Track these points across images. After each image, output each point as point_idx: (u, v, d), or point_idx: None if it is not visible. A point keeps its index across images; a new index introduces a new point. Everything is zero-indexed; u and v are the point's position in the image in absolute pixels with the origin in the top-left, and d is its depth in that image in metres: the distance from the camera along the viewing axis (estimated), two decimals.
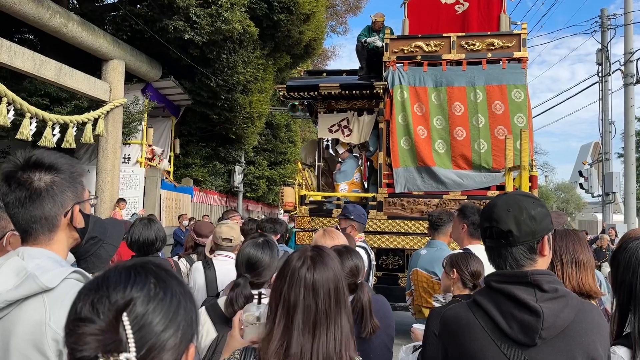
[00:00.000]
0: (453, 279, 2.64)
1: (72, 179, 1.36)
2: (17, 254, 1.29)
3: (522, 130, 4.57)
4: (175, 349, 0.80)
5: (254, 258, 2.19)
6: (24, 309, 1.20)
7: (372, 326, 2.06)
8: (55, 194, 1.31)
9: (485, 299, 1.46)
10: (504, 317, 1.40)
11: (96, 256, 2.14)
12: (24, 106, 8.89)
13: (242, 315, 1.67)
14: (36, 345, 1.18)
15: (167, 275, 0.85)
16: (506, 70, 6.93)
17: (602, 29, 15.57)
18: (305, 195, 7.34)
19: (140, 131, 13.26)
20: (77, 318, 0.76)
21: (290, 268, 1.41)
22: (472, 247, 3.32)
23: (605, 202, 15.16)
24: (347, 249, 2.29)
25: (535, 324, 1.35)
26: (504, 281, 1.44)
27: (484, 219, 1.52)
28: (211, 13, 11.79)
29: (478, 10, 7.87)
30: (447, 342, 1.56)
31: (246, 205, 21.49)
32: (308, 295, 1.36)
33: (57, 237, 1.35)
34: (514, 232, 1.43)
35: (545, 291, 1.39)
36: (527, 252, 1.45)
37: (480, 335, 1.43)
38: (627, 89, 14.67)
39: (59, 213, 1.33)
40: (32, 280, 1.20)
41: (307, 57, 18.75)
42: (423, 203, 6.86)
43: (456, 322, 1.51)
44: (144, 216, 3.48)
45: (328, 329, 1.36)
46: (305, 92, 7.53)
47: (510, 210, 1.45)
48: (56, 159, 1.34)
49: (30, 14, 9.06)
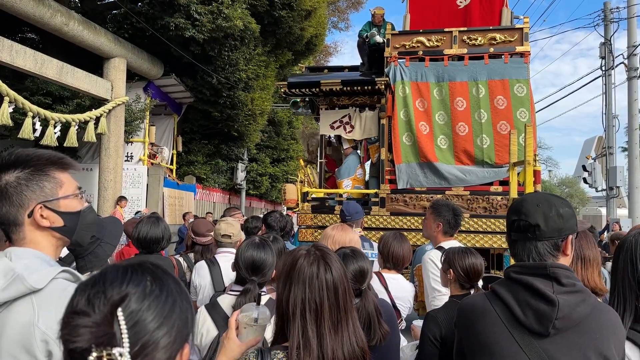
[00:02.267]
0: (450, 278, 2.49)
1: (37, 177, 1.30)
2: (5, 255, 1.28)
3: (527, 125, 4.54)
4: (169, 347, 0.80)
5: (258, 260, 2.18)
6: (12, 311, 1.19)
7: (382, 333, 2.00)
8: (11, 194, 1.28)
9: (503, 288, 1.49)
10: (519, 305, 1.42)
11: (94, 255, 2.13)
12: (26, 105, 8.91)
13: (239, 316, 1.64)
14: (25, 346, 1.17)
15: (164, 274, 0.85)
16: (508, 64, 6.89)
17: (605, 23, 15.47)
18: (308, 192, 7.33)
19: (142, 129, 13.27)
20: (73, 311, 0.77)
21: (306, 273, 1.43)
22: (444, 244, 3.25)
23: (610, 196, 15.10)
24: (354, 251, 2.23)
25: (550, 312, 1.36)
26: (523, 272, 1.46)
27: (512, 212, 1.55)
28: (212, 10, 11.77)
29: (480, 5, 7.82)
30: (461, 331, 1.59)
31: (249, 202, 21.51)
32: (331, 295, 1.42)
33: (30, 237, 1.31)
34: (541, 227, 1.46)
35: (562, 285, 1.41)
36: (551, 248, 1.47)
37: (494, 323, 1.45)
38: (630, 83, 14.57)
39: (19, 213, 1.29)
40: (20, 282, 1.19)
41: (309, 53, 18.71)
42: (425, 199, 6.84)
43: (472, 310, 1.54)
44: (151, 214, 3.48)
45: (348, 324, 1.43)
46: (306, 89, 7.51)
47: (540, 206, 1.49)
48: (27, 156, 1.30)
49: (32, 12, 9.07)
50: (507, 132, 6.66)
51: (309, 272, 1.43)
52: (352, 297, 1.49)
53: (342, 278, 1.46)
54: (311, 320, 1.39)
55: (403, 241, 3.08)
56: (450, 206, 3.40)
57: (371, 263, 2.26)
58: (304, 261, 1.45)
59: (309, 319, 1.39)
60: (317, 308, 1.40)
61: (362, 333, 1.47)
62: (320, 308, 1.40)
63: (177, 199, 14.32)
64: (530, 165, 4.26)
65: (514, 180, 4.66)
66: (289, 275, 1.45)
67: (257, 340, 1.63)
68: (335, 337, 1.39)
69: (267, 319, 1.66)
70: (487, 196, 6.67)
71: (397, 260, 3.05)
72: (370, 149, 7.81)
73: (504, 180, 6.67)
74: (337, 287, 1.43)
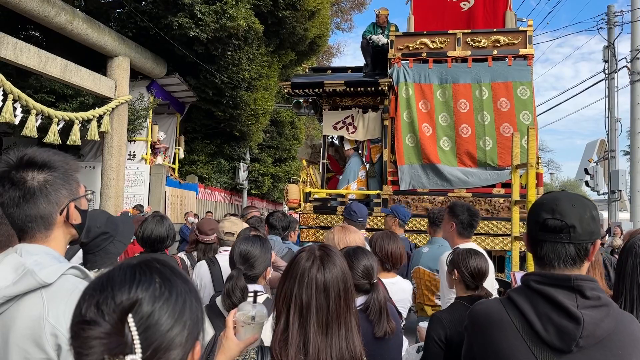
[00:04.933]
0: (455, 279, 2.52)
1: (66, 176, 1.37)
2: (15, 251, 1.30)
3: (530, 128, 4.54)
4: (181, 348, 0.80)
5: (244, 251, 2.26)
6: (22, 305, 1.22)
7: (388, 328, 1.99)
8: (49, 192, 1.32)
9: (522, 298, 1.40)
10: (540, 319, 1.34)
11: (105, 252, 2.15)
12: (29, 103, 8.93)
13: (236, 315, 1.63)
14: (35, 340, 1.19)
15: (173, 274, 0.84)
16: (512, 67, 6.90)
17: (608, 26, 15.46)
18: (310, 192, 7.33)
19: (145, 128, 13.30)
20: (82, 320, 0.75)
21: (300, 269, 1.42)
22: (462, 246, 3.27)
23: (611, 199, 15.08)
24: (361, 249, 2.24)
25: (574, 331, 1.30)
26: (545, 282, 1.38)
27: (543, 210, 1.42)
28: (216, 10, 11.79)
29: (484, 7, 7.83)
30: (474, 337, 1.52)
31: (250, 202, 21.50)
32: (320, 295, 1.38)
33: (54, 234, 1.36)
34: (577, 228, 1.37)
35: (587, 298, 1.33)
36: (582, 252, 1.38)
37: (511, 335, 1.38)
38: (633, 86, 14.55)
39: (54, 211, 1.34)
40: (30, 276, 1.21)
41: (312, 54, 18.70)
42: (428, 200, 6.85)
43: (487, 317, 1.46)
44: (154, 212, 3.49)
45: (339, 329, 1.38)
46: (310, 89, 7.52)
47: (575, 206, 1.39)
48: (49, 157, 1.35)
49: (36, 10, 9.09)
50: (509, 135, 6.66)
51: (303, 268, 1.42)
52: (349, 301, 1.43)
53: (338, 281, 1.41)
54: (295, 317, 1.37)
55: (396, 240, 3.08)
56: (466, 207, 3.40)
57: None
58: (302, 257, 1.45)
59: (292, 314, 1.38)
60: (303, 305, 1.37)
61: (356, 341, 1.41)
62: (306, 305, 1.37)
63: (179, 198, 14.33)
64: (533, 167, 4.26)
65: (517, 183, 4.66)
66: (288, 269, 1.46)
67: (255, 337, 1.63)
68: (324, 339, 1.36)
69: (264, 317, 1.66)
70: (490, 198, 6.67)
71: (395, 259, 3.06)
72: (372, 149, 7.81)
73: (506, 183, 6.67)
74: (329, 289, 1.39)
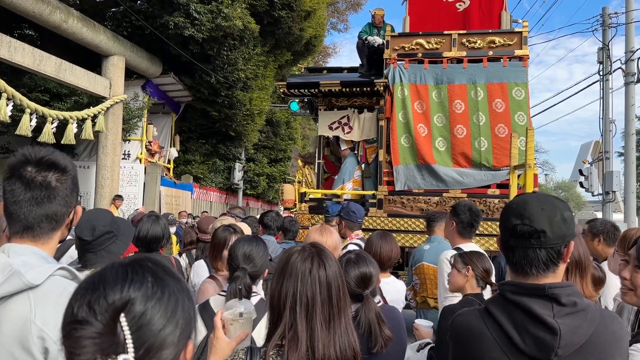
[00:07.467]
0: (468, 276, 2.61)
1: (76, 180, 1.41)
2: (3, 251, 1.28)
3: (528, 129, 4.56)
4: (174, 347, 0.79)
5: (248, 251, 2.25)
6: (9, 307, 1.20)
7: (383, 339, 1.96)
8: (67, 194, 1.36)
9: (499, 310, 1.38)
10: (517, 331, 1.33)
11: (107, 251, 2.15)
12: (23, 102, 8.88)
13: (223, 314, 1.63)
14: (21, 342, 1.17)
15: (165, 273, 0.83)
16: (507, 68, 6.91)
17: (603, 27, 15.52)
18: (305, 192, 7.32)
19: (140, 127, 13.26)
20: (74, 320, 0.75)
21: (300, 267, 1.44)
22: (463, 246, 3.31)
23: (606, 200, 15.13)
24: (359, 255, 2.20)
25: (552, 341, 1.28)
26: (520, 292, 1.35)
27: (512, 215, 1.38)
28: (212, 9, 11.77)
29: (479, 8, 7.85)
30: (456, 349, 1.51)
31: (246, 202, 21.49)
32: (324, 291, 1.42)
33: (57, 234, 1.38)
34: (547, 233, 1.33)
35: (563, 305, 1.31)
36: (555, 256, 1.35)
37: (492, 347, 1.36)
38: (627, 88, 14.62)
39: (66, 213, 1.37)
40: (17, 277, 1.19)
41: (308, 54, 18.72)
42: (423, 201, 6.85)
43: (468, 331, 1.44)
44: (150, 212, 3.48)
45: (340, 322, 1.42)
46: (305, 89, 7.51)
47: (545, 210, 1.35)
48: (66, 161, 1.38)
49: (31, 9, 9.04)
50: (505, 135, 6.68)
51: (302, 267, 1.43)
52: (346, 296, 1.47)
53: (337, 276, 1.45)
54: (301, 314, 1.39)
55: (389, 240, 3.09)
56: (468, 207, 3.43)
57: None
58: (297, 257, 1.47)
59: (299, 312, 1.39)
60: (309, 302, 1.40)
61: (354, 335, 1.44)
62: (312, 302, 1.40)
63: (174, 198, 14.30)
64: (531, 168, 4.28)
65: (514, 184, 4.68)
66: (282, 271, 1.46)
67: (246, 333, 1.63)
68: (328, 334, 1.38)
69: (252, 312, 1.66)
70: (485, 199, 6.68)
71: (389, 259, 3.06)
72: (368, 150, 7.81)
73: (501, 183, 6.69)
74: (331, 284, 1.43)
